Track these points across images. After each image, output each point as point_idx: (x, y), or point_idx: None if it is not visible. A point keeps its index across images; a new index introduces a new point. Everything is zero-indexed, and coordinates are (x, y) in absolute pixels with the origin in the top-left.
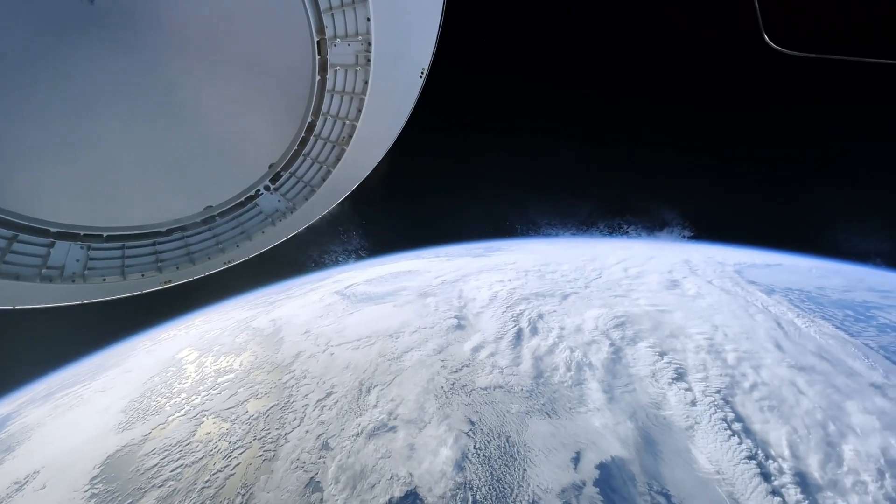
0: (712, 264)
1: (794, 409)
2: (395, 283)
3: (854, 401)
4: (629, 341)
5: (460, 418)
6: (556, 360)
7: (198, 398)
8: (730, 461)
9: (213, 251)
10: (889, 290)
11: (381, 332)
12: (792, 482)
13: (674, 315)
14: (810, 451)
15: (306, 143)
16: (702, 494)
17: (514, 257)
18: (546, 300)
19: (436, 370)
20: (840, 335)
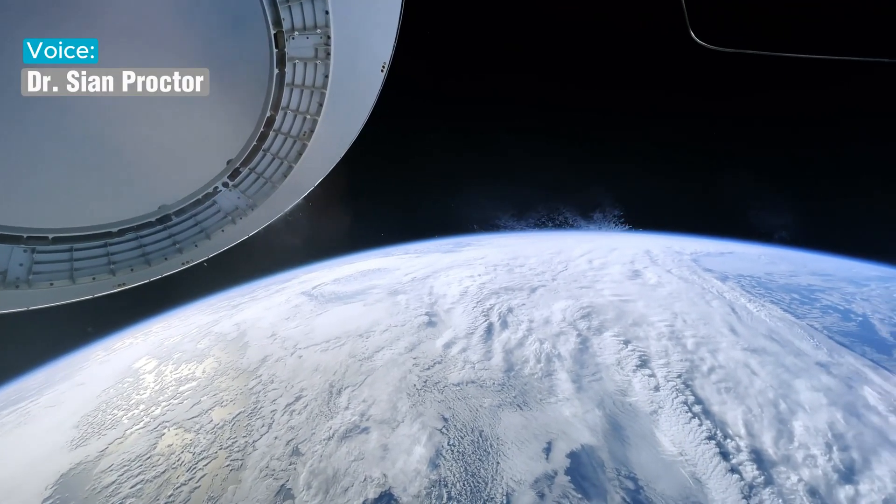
0: (671, 254)
1: (749, 389)
2: (364, 281)
3: (802, 379)
4: (595, 331)
5: (433, 416)
6: (527, 353)
7: (158, 409)
8: (691, 442)
9: (170, 251)
10: (829, 273)
11: (351, 333)
12: (748, 459)
13: (636, 304)
14: (764, 428)
15: (266, 139)
16: (667, 476)
17: (483, 252)
18: (515, 294)
19: (408, 368)
20: (788, 318)
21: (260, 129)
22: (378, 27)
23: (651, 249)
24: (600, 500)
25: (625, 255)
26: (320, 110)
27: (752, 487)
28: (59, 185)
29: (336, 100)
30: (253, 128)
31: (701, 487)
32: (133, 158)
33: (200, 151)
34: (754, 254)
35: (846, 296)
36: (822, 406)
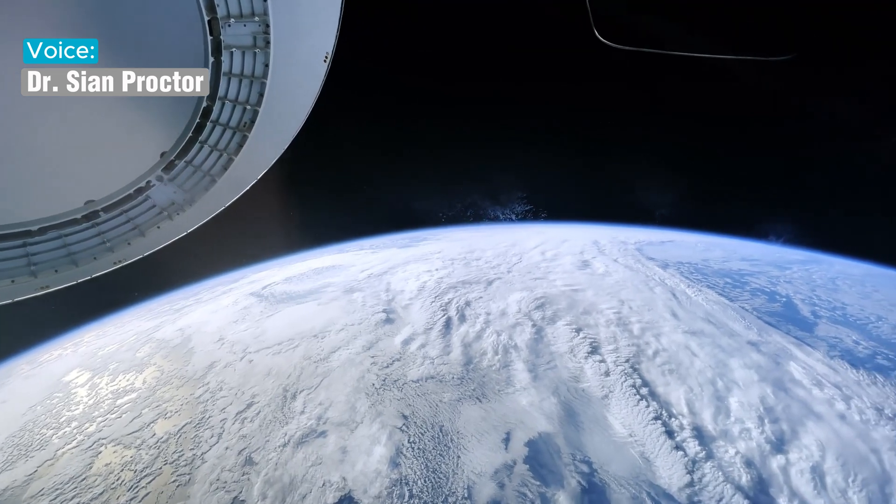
0: (617, 244)
1: (690, 370)
2: (317, 279)
3: (736, 358)
4: (549, 321)
5: (393, 414)
6: (484, 345)
7: (92, 426)
8: (640, 423)
9: (100, 250)
10: (756, 258)
11: (305, 333)
12: (691, 436)
13: (586, 293)
14: (704, 406)
15: (202, 130)
16: (618, 457)
17: (440, 246)
18: (472, 287)
19: (366, 368)
20: (722, 301)
21: (196, 120)
22: (319, 16)
23: (599, 240)
24: (557, 486)
25: (575, 246)
26: (261, 101)
27: (694, 462)
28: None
29: (277, 90)
30: (188, 118)
31: (649, 466)
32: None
33: (132, 143)
34: (691, 242)
35: (772, 279)
36: (754, 382)
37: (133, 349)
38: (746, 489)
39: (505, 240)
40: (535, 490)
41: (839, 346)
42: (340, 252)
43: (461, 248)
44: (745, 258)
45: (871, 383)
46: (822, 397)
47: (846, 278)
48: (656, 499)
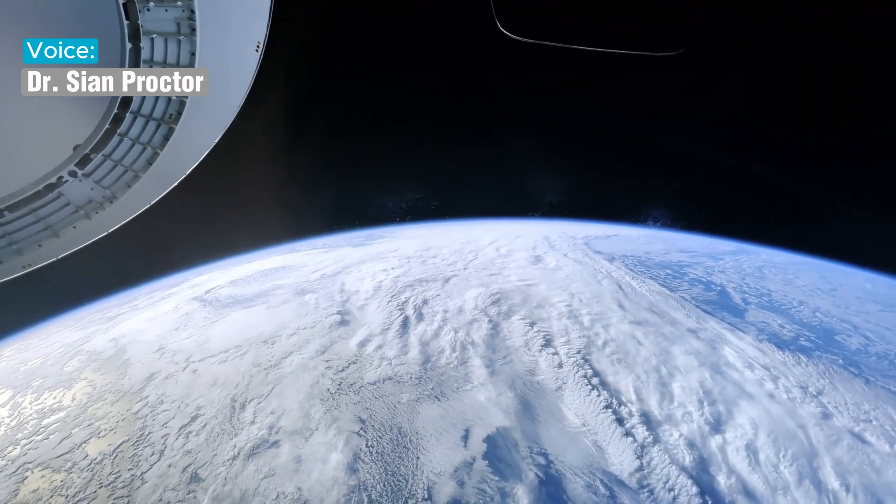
0: (566, 239)
1: (636, 358)
2: (266, 281)
3: (677, 345)
4: (504, 316)
5: (350, 419)
6: (442, 343)
7: (16, 449)
8: (592, 413)
9: (6, 253)
10: (693, 250)
11: (254, 339)
12: (639, 422)
13: (539, 287)
14: (650, 392)
15: (121, 121)
16: (573, 447)
17: (396, 244)
18: (429, 285)
19: (320, 372)
20: (664, 291)
21: (113, 111)
22: (249, 4)
23: (549, 235)
24: (516, 480)
25: (527, 241)
26: None
27: (643, 447)
28: None
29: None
30: (104, 109)
31: (602, 454)
32: None
33: (40, 136)
34: (634, 235)
35: (707, 269)
36: (694, 367)
37: (60, 363)
38: (690, 470)
39: (461, 236)
40: (494, 486)
41: (767, 330)
42: (290, 252)
43: (417, 245)
44: (683, 250)
45: (795, 363)
46: (753, 378)
47: (771, 267)
48: (609, 485)
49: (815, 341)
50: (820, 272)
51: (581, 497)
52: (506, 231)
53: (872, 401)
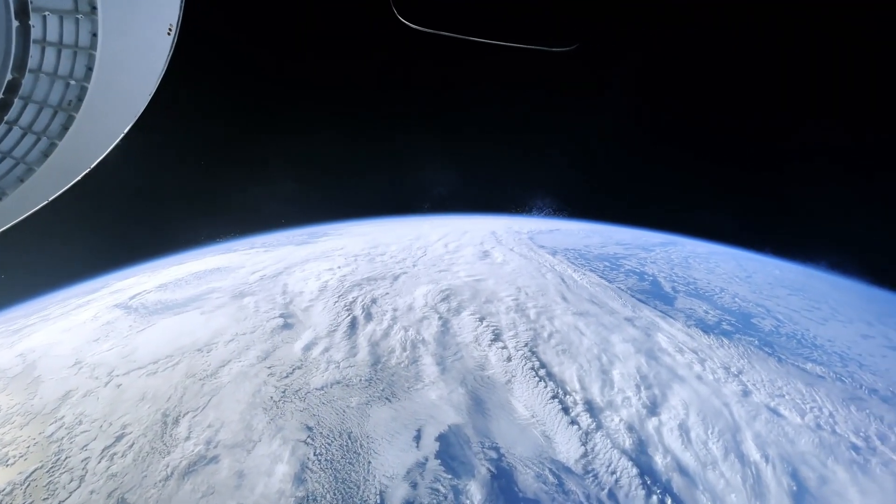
0: (512, 234)
1: (579, 348)
2: (199, 285)
3: (616, 334)
4: (454, 312)
5: (296, 427)
6: (392, 343)
7: None
8: (540, 404)
9: None
10: (627, 243)
11: (187, 348)
12: (583, 410)
13: (488, 282)
14: (592, 381)
15: (9, 108)
16: (523, 439)
17: (341, 242)
18: (378, 283)
19: (262, 380)
20: (603, 283)
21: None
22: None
23: (496, 230)
24: (469, 476)
25: (475, 237)
26: (90, 75)
27: (587, 434)
28: None
29: (111, 64)
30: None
31: (550, 443)
32: None
33: None
34: (574, 229)
35: (640, 260)
36: (631, 354)
37: None
38: (630, 452)
39: (409, 233)
40: (447, 484)
41: (694, 316)
42: (226, 252)
43: (364, 243)
44: (619, 243)
45: (719, 346)
46: (683, 362)
47: (696, 257)
48: (557, 473)
49: (735, 325)
50: (737, 261)
51: (531, 487)
52: (454, 227)
53: (784, 377)
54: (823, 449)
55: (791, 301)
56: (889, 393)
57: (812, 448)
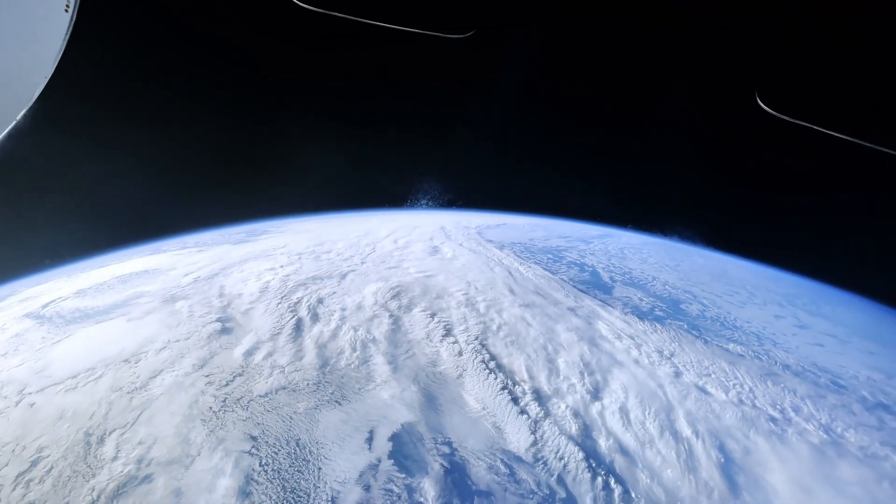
0: (461, 228)
1: (526, 339)
2: (124, 289)
3: (560, 323)
4: (405, 309)
5: (239, 437)
6: (341, 344)
7: None
8: (490, 396)
9: None
10: (568, 235)
11: (112, 359)
12: (532, 399)
13: (438, 278)
14: (540, 370)
15: None
16: (475, 432)
17: (283, 240)
18: (324, 282)
19: (199, 390)
20: (547, 275)
21: None
22: None
23: (445, 225)
24: (422, 474)
25: (425, 232)
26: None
27: (536, 423)
28: None
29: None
30: None
31: (501, 434)
32: None
33: None
34: (520, 223)
35: (581, 252)
36: (575, 342)
37: None
38: (576, 437)
39: (356, 229)
40: (401, 483)
41: (630, 304)
42: (155, 253)
43: (309, 240)
44: (561, 236)
45: (653, 331)
46: (621, 347)
47: (630, 248)
48: (508, 464)
49: (666, 310)
50: (666, 251)
51: (484, 479)
52: (403, 222)
53: (710, 358)
54: (746, 422)
55: (714, 287)
56: (800, 368)
57: (736, 422)
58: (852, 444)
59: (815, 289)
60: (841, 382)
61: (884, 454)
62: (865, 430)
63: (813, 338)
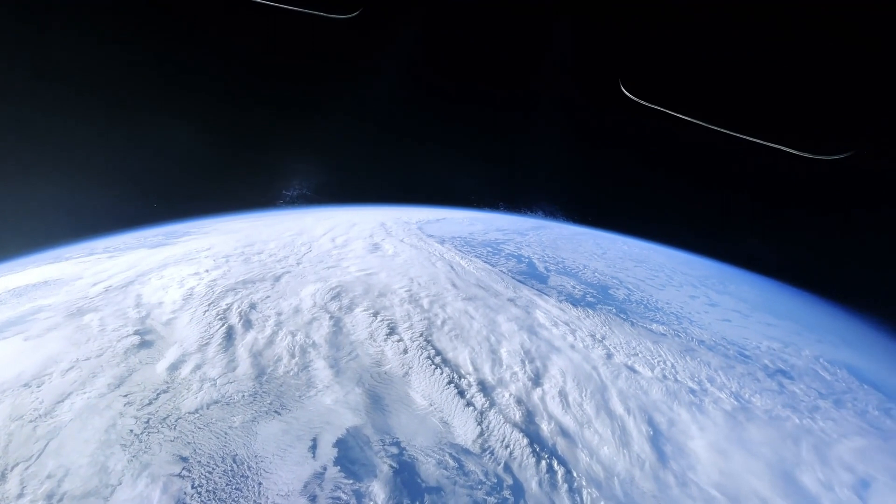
0: (401, 224)
1: (470, 332)
2: (19, 304)
3: (501, 314)
4: (346, 310)
5: (167, 460)
6: (278, 350)
7: None
8: (437, 391)
9: None
10: (505, 228)
11: (9, 384)
12: (477, 391)
13: (380, 276)
14: (484, 361)
15: None
16: (423, 429)
17: (208, 242)
18: (257, 286)
19: (117, 412)
20: (487, 267)
21: None
22: None
23: (385, 221)
24: (371, 477)
25: (364, 229)
26: None
27: (482, 413)
28: None
29: None
30: None
31: (448, 428)
32: None
33: None
34: (459, 217)
35: (518, 244)
36: (515, 332)
37: None
38: (520, 424)
39: (290, 228)
40: (348, 490)
41: (564, 292)
42: (55, 261)
43: (238, 241)
44: (498, 229)
45: (586, 316)
46: (558, 334)
47: (562, 238)
48: (457, 457)
49: (596, 296)
50: (594, 240)
51: (434, 475)
52: (341, 219)
53: (637, 338)
54: (669, 395)
55: (637, 272)
56: (713, 342)
57: (661, 396)
58: (759, 408)
59: (722, 270)
60: (746, 353)
61: (785, 415)
62: (769, 395)
63: (722, 314)
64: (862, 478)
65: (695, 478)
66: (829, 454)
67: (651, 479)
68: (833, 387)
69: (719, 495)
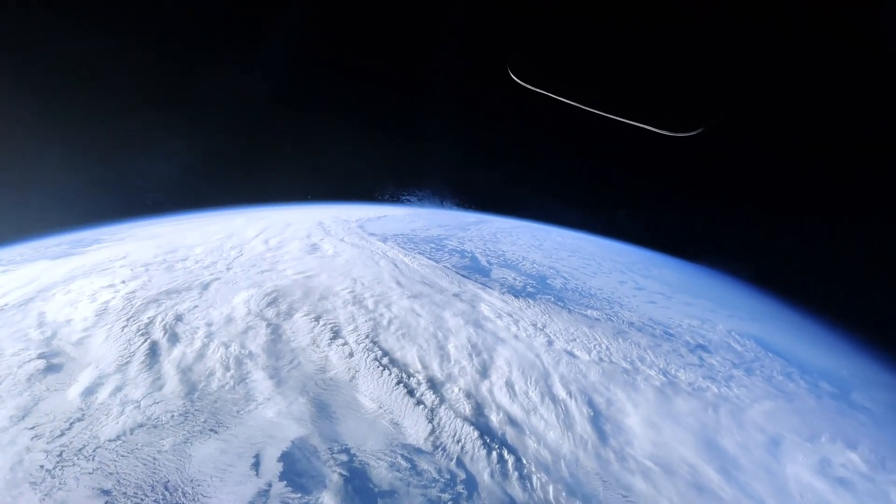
0: (340, 223)
1: (417, 329)
2: None
3: (447, 310)
4: (285, 316)
5: (85, 495)
6: (210, 364)
7: None
8: (386, 393)
9: None
10: (447, 224)
11: None
12: (427, 388)
13: (320, 278)
14: (432, 358)
15: None
16: (373, 433)
17: (123, 249)
18: (182, 296)
19: (23, 446)
20: (431, 264)
21: None
22: None
23: (323, 220)
24: (320, 488)
25: (300, 229)
26: None
27: (432, 411)
28: None
29: None
30: None
31: (399, 429)
32: None
33: None
34: (400, 214)
35: (460, 239)
36: (462, 326)
37: None
38: (470, 418)
39: (218, 231)
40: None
41: (506, 284)
42: None
43: (157, 247)
44: (440, 225)
45: (527, 307)
46: (502, 325)
47: (503, 232)
48: (409, 457)
49: (536, 286)
50: (532, 232)
51: (386, 479)
52: (274, 220)
53: (574, 324)
54: (606, 377)
55: (572, 261)
56: (641, 323)
57: (599, 378)
58: (683, 382)
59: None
60: (670, 331)
61: (706, 386)
62: (691, 369)
63: (647, 297)
64: (773, 437)
65: (632, 452)
66: (744, 418)
67: (594, 457)
68: (744, 356)
69: (654, 466)
